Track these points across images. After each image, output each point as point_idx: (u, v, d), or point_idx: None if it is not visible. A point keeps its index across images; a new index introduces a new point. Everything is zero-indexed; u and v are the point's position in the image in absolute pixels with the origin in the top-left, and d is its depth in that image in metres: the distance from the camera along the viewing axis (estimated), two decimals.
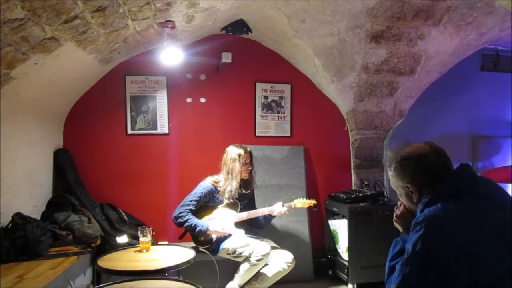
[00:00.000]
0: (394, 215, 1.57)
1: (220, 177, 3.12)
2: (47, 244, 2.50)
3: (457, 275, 1.21)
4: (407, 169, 1.41)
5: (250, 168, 3.12)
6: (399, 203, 1.57)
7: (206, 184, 3.11)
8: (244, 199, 3.18)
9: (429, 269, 1.24)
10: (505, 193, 1.39)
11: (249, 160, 3.11)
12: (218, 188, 3.09)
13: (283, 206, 3.08)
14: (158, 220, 3.48)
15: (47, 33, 2.11)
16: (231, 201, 3.08)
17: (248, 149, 3.15)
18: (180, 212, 2.97)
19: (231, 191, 3.03)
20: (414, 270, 1.25)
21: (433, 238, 1.25)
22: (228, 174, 3.06)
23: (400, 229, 1.55)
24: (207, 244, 3.02)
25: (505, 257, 1.23)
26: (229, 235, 2.99)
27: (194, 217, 2.98)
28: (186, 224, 2.93)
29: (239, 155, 3.06)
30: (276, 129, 4.07)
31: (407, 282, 1.26)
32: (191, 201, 3.02)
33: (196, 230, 2.93)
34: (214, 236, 3.01)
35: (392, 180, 1.50)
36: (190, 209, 2.99)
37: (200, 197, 3.04)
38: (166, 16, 2.77)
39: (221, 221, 3.01)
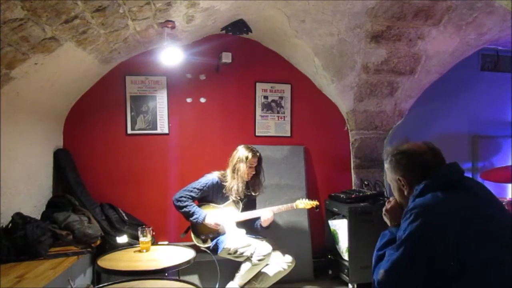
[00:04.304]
0: (384, 209, 1.63)
1: (227, 173, 3.13)
2: (47, 244, 2.50)
3: (446, 261, 1.25)
4: (401, 163, 1.49)
5: (254, 173, 3.12)
6: (390, 198, 1.64)
7: (212, 176, 3.13)
8: (246, 198, 3.18)
9: (418, 255, 1.28)
10: (487, 189, 1.47)
11: (255, 164, 3.11)
12: (224, 183, 3.09)
13: (271, 211, 3.04)
14: (158, 220, 3.48)
15: (47, 33, 2.11)
16: (238, 198, 3.08)
17: (258, 153, 3.13)
18: (181, 196, 3.00)
19: (237, 190, 3.05)
20: (403, 255, 1.29)
21: (422, 224, 1.29)
22: (233, 172, 3.08)
23: (388, 222, 1.62)
24: (209, 238, 3.02)
25: (491, 246, 1.28)
26: (224, 233, 2.99)
27: (194, 205, 3.01)
28: (185, 209, 2.97)
29: (246, 158, 3.06)
30: (276, 129, 4.07)
31: (396, 266, 1.31)
32: (194, 188, 3.05)
33: (193, 218, 2.95)
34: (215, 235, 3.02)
35: (387, 173, 1.59)
36: (191, 196, 3.02)
37: (203, 187, 3.06)
38: (166, 16, 2.77)
39: (219, 216, 3.02)
